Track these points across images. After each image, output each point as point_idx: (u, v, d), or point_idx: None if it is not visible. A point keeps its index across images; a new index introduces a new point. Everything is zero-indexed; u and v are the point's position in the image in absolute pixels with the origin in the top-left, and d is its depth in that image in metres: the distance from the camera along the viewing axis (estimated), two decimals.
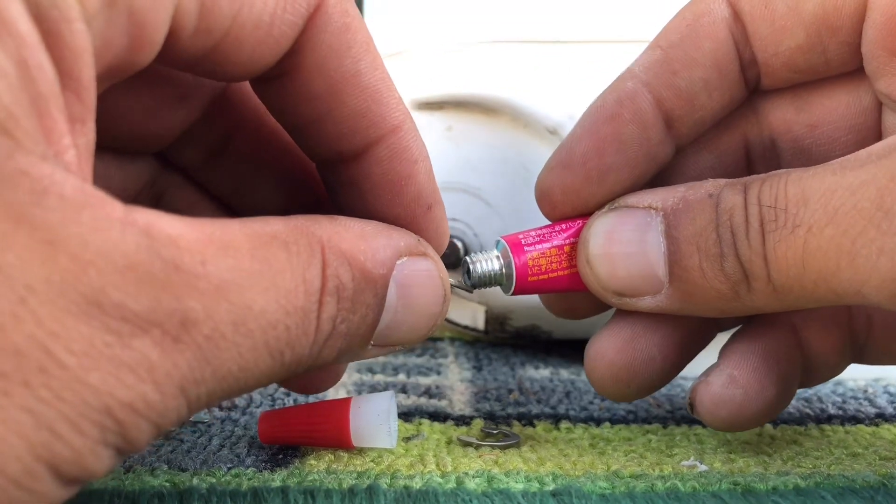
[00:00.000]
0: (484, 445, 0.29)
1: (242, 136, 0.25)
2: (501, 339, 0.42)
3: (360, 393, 0.34)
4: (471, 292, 0.28)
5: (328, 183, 0.25)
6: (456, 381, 0.37)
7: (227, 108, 0.25)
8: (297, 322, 0.19)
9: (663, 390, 0.36)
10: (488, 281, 0.27)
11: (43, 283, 0.15)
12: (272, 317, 0.18)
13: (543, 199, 0.27)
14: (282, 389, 0.35)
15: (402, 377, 0.37)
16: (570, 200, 0.26)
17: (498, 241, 0.27)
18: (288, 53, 0.21)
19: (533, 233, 0.27)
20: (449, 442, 0.30)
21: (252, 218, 0.19)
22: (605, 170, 0.26)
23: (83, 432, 0.16)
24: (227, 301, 0.17)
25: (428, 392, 0.35)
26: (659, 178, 0.27)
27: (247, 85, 0.24)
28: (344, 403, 0.27)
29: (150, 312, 0.17)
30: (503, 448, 0.29)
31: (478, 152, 0.38)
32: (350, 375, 0.37)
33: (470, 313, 0.41)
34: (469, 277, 0.27)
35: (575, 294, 0.28)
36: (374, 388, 0.35)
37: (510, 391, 0.35)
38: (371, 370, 0.37)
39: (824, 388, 0.36)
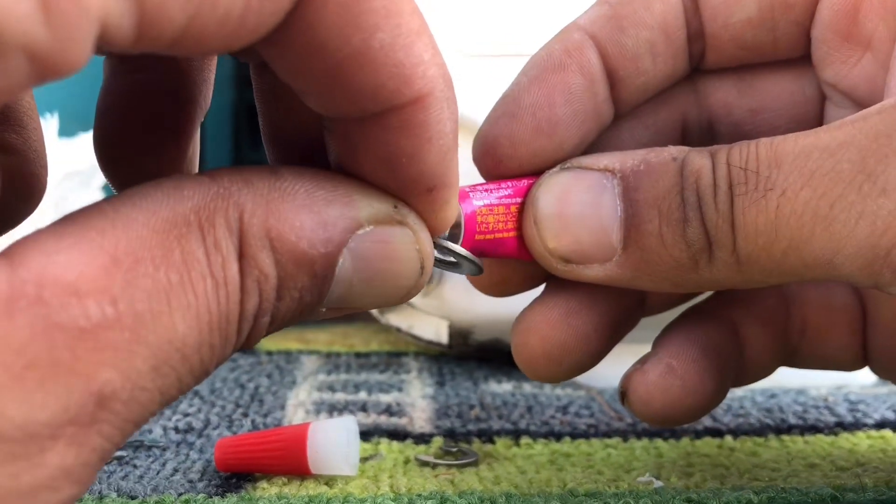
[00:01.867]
0: (441, 465, 0.29)
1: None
2: (465, 354, 0.42)
3: (319, 413, 0.34)
4: (455, 266, 0.23)
5: (328, 129, 0.20)
6: (417, 397, 0.37)
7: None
8: (220, 336, 0.17)
9: None
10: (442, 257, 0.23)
11: None
12: (194, 341, 0.16)
13: (487, 153, 0.24)
14: (240, 411, 0.34)
15: (363, 395, 0.36)
16: (518, 154, 0.24)
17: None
18: (278, 30, 0.17)
19: (480, 187, 0.23)
20: (407, 461, 0.29)
21: (159, 188, 0.16)
22: (554, 121, 0.24)
23: None
24: (146, 344, 0.15)
25: (388, 410, 0.35)
26: (595, 146, 0.26)
27: None
28: (302, 430, 0.27)
29: (62, 413, 0.14)
30: (461, 467, 0.29)
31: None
32: (310, 394, 0.37)
33: (433, 328, 0.41)
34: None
35: (507, 265, 0.25)
36: (333, 407, 0.35)
37: (472, 407, 0.35)
38: (332, 388, 0.37)
39: (785, 398, 0.37)
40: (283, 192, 0.17)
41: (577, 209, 0.23)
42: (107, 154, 0.22)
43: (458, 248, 0.22)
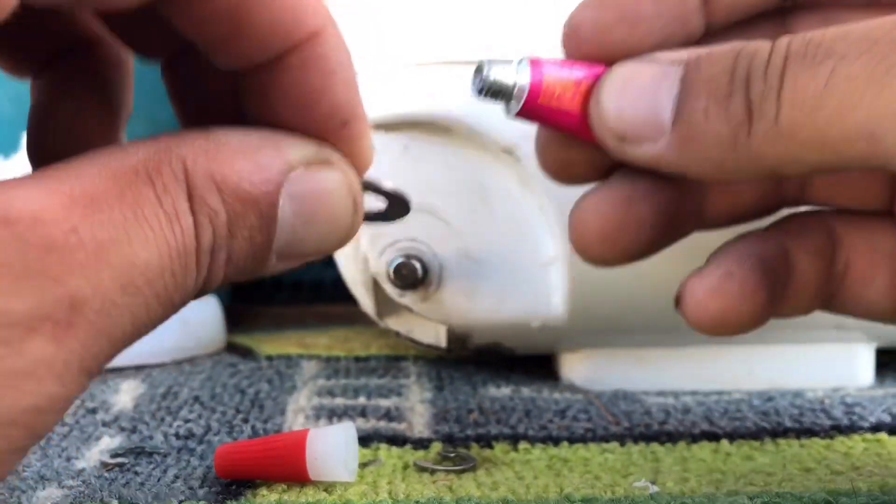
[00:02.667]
0: (439, 470, 0.29)
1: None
2: (464, 357, 0.42)
3: (318, 418, 0.34)
4: (387, 220, 0.25)
5: (241, 92, 0.22)
6: (416, 402, 0.37)
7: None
8: (180, 264, 0.18)
9: (621, 406, 0.36)
10: (497, 90, 0.25)
11: None
12: (156, 266, 0.18)
13: (571, 34, 0.25)
14: (240, 417, 0.35)
15: (362, 399, 0.37)
16: (599, 38, 0.25)
17: (520, 59, 0.25)
18: None
19: (555, 61, 0.25)
20: (406, 467, 0.30)
21: (110, 149, 0.18)
22: (639, 15, 0.25)
23: None
24: (110, 265, 0.17)
25: (388, 415, 0.35)
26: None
27: None
28: (301, 437, 0.27)
29: (38, 308, 0.16)
30: (459, 472, 0.29)
31: (435, 172, 0.38)
32: (310, 399, 0.37)
33: (433, 332, 0.41)
34: (480, 81, 0.25)
35: (572, 148, 0.26)
36: (332, 413, 0.35)
37: (470, 412, 0.35)
38: (331, 393, 0.38)
39: (782, 401, 0.37)
40: (219, 143, 0.19)
41: (639, 90, 0.24)
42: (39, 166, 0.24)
43: (385, 183, 0.23)
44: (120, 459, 0.30)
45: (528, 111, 0.25)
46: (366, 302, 0.40)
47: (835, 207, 0.27)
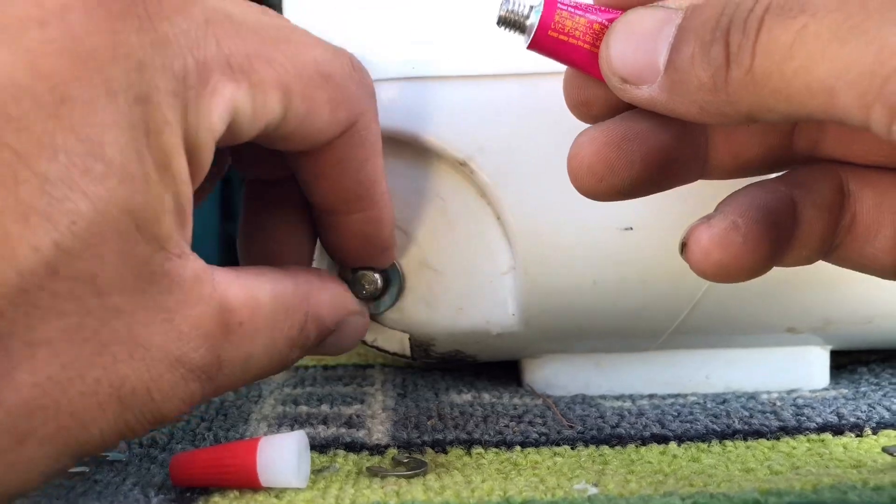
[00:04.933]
0: (390, 475, 0.30)
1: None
2: (430, 365, 0.43)
3: (280, 426, 0.35)
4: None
5: (320, 223, 0.33)
6: (378, 409, 0.38)
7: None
8: (276, 362, 0.28)
9: (577, 410, 0.37)
10: (514, 21, 0.28)
11: (156, 345, 0.24)
12: (264, 361, 0.28)
13: None
14: (203, 425, 0.35)
15: (325, 408, 0.38)
16: None
17: None
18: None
19: (577, 2, 0.27)
20: (359, 472, 0.31)
21: (275, 272, 0.28)
22: None
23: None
24: (244, 350, 0.26)
25: (348, 422, 0.36)
26: None
27: None
28: (251, 445, 0.28)
29: (206, 364, 0.25)
30: (409, 477, 0.30)
31: (394, 184, 0.39)
32: (274, 408, 0.38)
33: (398, 340, 0.42)
34: (499, 10, 0.28)
35: (591, 87, 0.28)
36: (295, 420, 0.36)
37: (429, 418, 0.36)
38: (295, 402, 0.38)
39: (735, 403, 0.38)
40: (326, 287, 0.31)
41: (642, 36, 0.25)
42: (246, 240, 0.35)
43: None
44: (81, 468, 0.31)
45: (539, 44, 0.27)
46: None
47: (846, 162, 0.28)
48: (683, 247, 0.27)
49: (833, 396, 0.38)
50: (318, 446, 0.33)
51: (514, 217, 0.36)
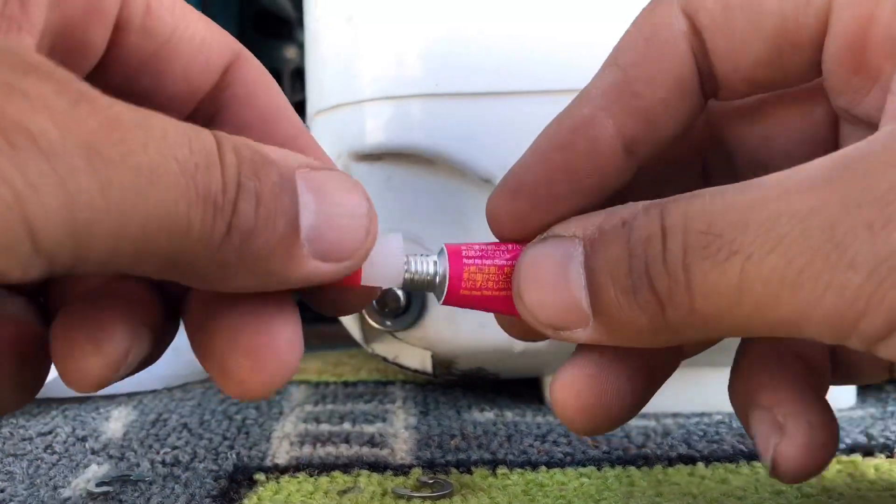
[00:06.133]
0: (416, 497, 0.30)
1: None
2: (451, 382, 0.43)
3: (303, 445, 0.35)
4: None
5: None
6: (401, 427, 0.37)
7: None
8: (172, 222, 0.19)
9: None
10: (420, 284, 0.25)
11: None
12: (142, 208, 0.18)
13: (491, 221, 0.26)
14: (226, 444, 0.35)
15: (346, 426, 0.37)
16: (518, 227, 0.25)
17: (441, 249, 0.25)
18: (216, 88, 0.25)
19: (477, 247, 0.25)
20: (384, 494, 0.30)
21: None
22: (553, 199, 0.25)
23: None
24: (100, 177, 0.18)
25: (371, 441, 0.36)
26: (616, 196, 0.26)
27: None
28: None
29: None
30: (435, 499, 0.30)
31: (417, 201, 0.39)
32: (295, 426, 0.37)
33: (419, 357, 0.42)
34: (405, 273, 0.25)
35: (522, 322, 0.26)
36: (317, 439, 0.36)
37: (452, 437, 0.36)
38: (317, 419, 0.38)
39: None
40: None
41: (551, 280, 0.23)
42: None
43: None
44: (105, 488, 0.31)
45: (456, 301, 0.24)
46: (352, 328, 0.41)
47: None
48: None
49: (860, 416, 0.38)
50: (341, 465, 0.33)
51: None
